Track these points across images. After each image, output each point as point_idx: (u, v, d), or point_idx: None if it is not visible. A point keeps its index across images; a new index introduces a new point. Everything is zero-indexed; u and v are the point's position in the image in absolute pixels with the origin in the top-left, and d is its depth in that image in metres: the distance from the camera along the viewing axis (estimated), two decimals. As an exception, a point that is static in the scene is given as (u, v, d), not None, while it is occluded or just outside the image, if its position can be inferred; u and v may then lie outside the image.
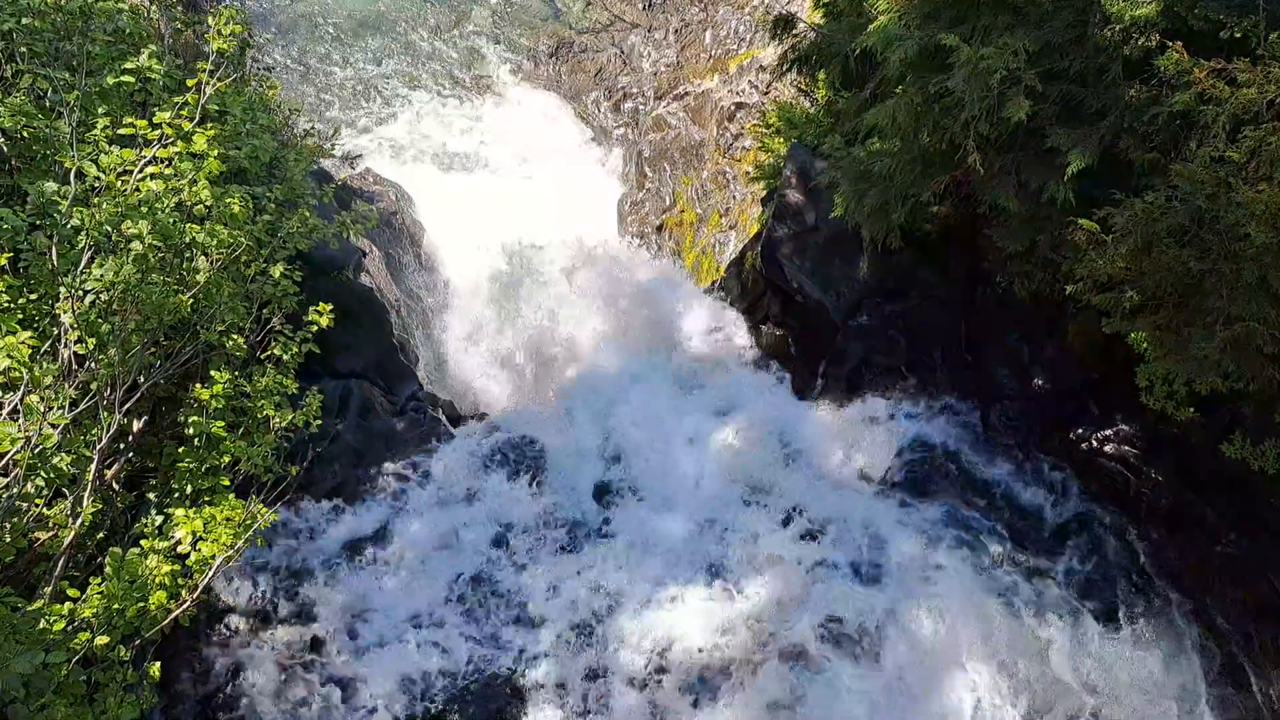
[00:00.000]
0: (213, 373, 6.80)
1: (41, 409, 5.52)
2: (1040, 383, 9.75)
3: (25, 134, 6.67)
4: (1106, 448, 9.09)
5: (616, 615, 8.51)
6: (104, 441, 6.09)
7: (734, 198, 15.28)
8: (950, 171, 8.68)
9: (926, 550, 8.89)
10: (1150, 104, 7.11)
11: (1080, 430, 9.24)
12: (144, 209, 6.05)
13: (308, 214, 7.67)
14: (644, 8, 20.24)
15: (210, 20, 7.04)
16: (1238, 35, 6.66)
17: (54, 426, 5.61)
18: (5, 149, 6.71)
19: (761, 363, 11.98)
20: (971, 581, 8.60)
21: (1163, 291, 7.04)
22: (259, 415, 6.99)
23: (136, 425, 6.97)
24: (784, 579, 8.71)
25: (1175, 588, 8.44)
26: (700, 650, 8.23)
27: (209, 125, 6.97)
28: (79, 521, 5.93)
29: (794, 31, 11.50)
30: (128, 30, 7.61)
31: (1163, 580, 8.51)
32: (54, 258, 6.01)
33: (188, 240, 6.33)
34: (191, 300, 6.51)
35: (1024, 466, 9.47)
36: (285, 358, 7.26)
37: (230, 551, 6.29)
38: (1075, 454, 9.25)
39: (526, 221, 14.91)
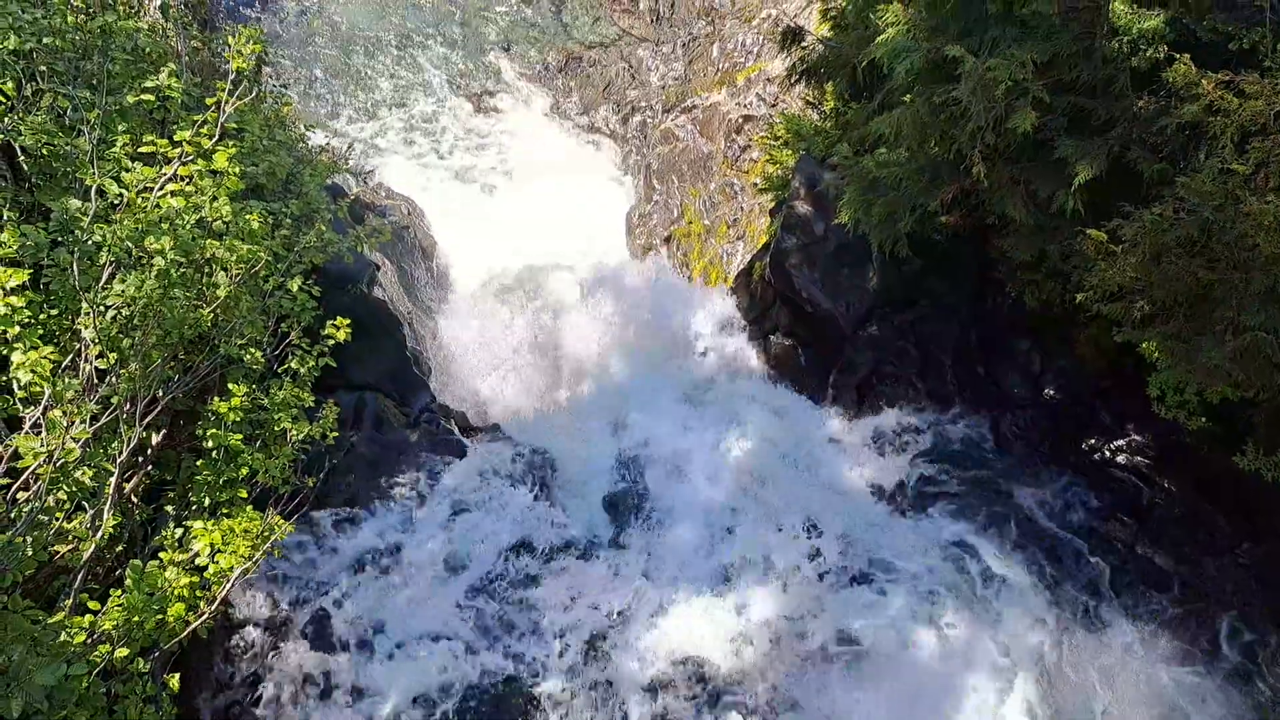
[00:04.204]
0: (231, 386, 6.86)
1: (64, 423, 5.58)
2: (1051, 392, 9.77)
3: (46, 152, 6.76)
4: (1119, 458, 9.11)
5: (628, 626, 8.52)
6: (124, 455, 6.15)
7: (741, 209, 15.36)
8: (958, 181, 8.73)
9: (938, 559, 8.89)
10: (1158, 115, 7.15)
11: (1092, 440, 9.25)
12: (165, 225, 6.13)
13: (324, 228, 7.75)
14: (652, 22, 20.38)
15: (229, 40, 7.13)
16: (1246, 47, 6.70)
17: (76, 441, 5.67)
18: (27, 167, 6.80)
19: (771, 373, 12.02)
20: (983, 592, 8.60)
21: (1173, 301, 7.06)
22: (276, 428, 7.04)
23: (155, 439, 7.03)
24: (794, 590, 8.72)
25: (1188, 597, 8.42)
26: (712, 662, 8.24)
27: (228, 142, 7.05)
28: (99, 534, 5.98)
29: (802, 44, 11.60)
30: (146, 49, 7.71)
31: (1175, 590, 8.50)
32: (75, 274, 6.09)
33: (208, 256, 6.41)
34: (211, 315, 6.58)
35: (1036, 477, 9.47)
36: (302, 371, 7.32)
37: (248, 563, 6.33)
38: (1087, 464, 9.26)
39: (537, 235, 15.04)
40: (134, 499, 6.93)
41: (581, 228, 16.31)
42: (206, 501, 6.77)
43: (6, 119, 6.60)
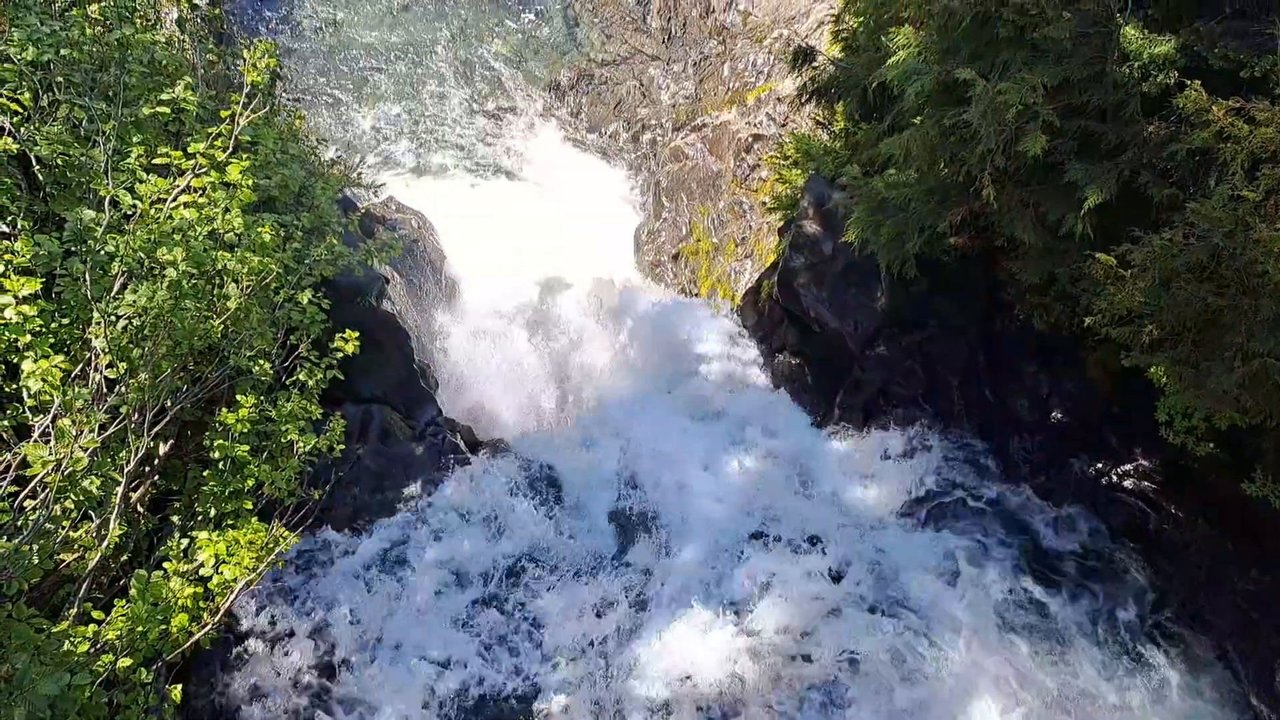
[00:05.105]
0: (239, 397, 6.88)
1: (72, 432, 5.61)
2: (1059, 415, 9.74)
3: (61, 162, 6.82)
4: (1126, 482, 9.06)
5: (630, 644, 8.49)
6: (131, 465, 6.16)
7: (750, 227, 15.39)
8: (967, 203, 8.74)
9: (943, 582, 8.85)
10: (1169, 140, 7.14)
11: (1100, 464, 9.21)
12: (177, 236, 6.17)
13: (334, 242, 7.79)
14: (663, 41, 20.49)
15: (245, 54, 7.20)
16: (1257, 75, 6.71)
17: (84, 450, 5.69)
18: (42, 177, 6.86)
19: (778, 391, 12.01)
20: (989, 614, 8.55)
21: (1181, 326, 7.04)
22: (283, 440, 7.05)
23: (163, 449, 7.05)
24: (799, 610, 8.68)
25: (1195, 623, 8.36)
26: (713, 681, 8.19)
27: (241, 155, 7.11)
28: (105, 544, 5.99)
29: (813, 64, 11.66)
30: (163, 62, 7.78)
31: (1182, 615, 8.44)
32: (88, 283, 6.13)
33: (219, 267, 6.45)
34: (221, 326, 6.62)
35: (1042, 499, 9.44)
36: (310, 383, 7.34)
37: (252, 575, 6.34)
38: (1094, 488, 9.22)
39: (546, 250, 15.11)
40: (140, 509, 6.95)
41: (590, 243, 16.36)
42: (212, 512, 6.79)
43: (23, 129, 6.66)
